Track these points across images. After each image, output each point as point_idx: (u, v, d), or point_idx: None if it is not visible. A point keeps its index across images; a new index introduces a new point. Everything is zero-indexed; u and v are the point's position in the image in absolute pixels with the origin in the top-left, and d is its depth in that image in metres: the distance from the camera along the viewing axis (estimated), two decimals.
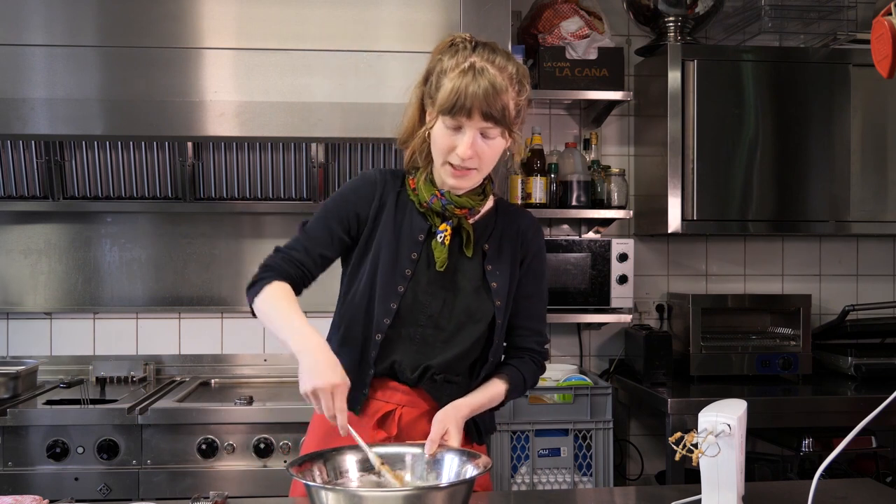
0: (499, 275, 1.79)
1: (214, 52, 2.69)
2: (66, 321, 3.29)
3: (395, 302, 1.74)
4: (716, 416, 1.49)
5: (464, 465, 1.54)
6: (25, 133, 2.69)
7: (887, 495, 1.75)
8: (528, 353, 1.86)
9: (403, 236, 1.77)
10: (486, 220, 1.83)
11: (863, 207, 3.19)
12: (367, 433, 1.73)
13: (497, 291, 1.78)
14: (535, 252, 1.85)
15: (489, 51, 1.68)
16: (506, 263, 1.80)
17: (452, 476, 1.53)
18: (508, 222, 1.84)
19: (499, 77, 1.63)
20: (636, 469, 3.43)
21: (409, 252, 1.76)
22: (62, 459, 2.60)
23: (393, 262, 1.75)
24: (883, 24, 1.58)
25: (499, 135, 1.68)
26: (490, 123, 1.64)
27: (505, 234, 1.83)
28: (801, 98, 3.17)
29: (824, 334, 3.39)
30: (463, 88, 1.61)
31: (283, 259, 1.74)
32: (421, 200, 1.76)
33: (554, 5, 3.19)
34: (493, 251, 1.80)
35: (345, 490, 1.41)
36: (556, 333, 3.46)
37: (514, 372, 1.82)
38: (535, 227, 1.87)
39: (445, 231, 1.75)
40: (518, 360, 1.85)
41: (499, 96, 1.62)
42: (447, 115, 1.64)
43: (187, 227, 3.30)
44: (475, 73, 1.62)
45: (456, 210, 1.74)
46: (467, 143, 1.64)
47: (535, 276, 1.85)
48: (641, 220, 3.42)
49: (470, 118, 1.62)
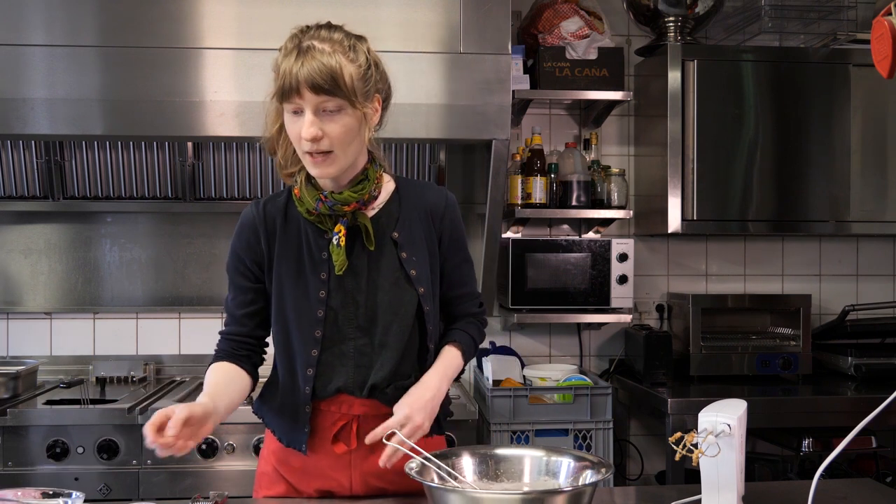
0: (416, 261, 1.72)
1: (214, 52, 2.69)
2: (66, 321, 3.29)
3: (318, 329, 1.69)
4: (716, 416, 1.49)
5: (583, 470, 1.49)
6: (25, 133, 2.69)
7: (887, 495, 1.75)
8: (471, 317, 1.85)
9: (305, 260, 1.71)
10: (390, 207, 1.75)
11: (863, 207, 3.19)
12: (325, 448, 1.72)
13: (417, 278, 1.71)
14: (449, 223, 1.78)
15: (316, 28, 1.63)
16: (421, 247, 1.74)
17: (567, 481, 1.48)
18: (414, 202, 1.76)
19: (326, 47, 1.57)
20: (636, 469, 3.43)
21: (317, 273, 1.69)
22: (62, 459, 2.60)
23: (303, 289, 1.69)
24: (883, 24, 1.58)
25: (344, 108, 1.58)
26: (323, 96, 1.55)
27: (413, 216, 1.75)
28: (801, 98, 3.17)
29: (824, 334, 3.39)
30: (288, 69, 1.55)
31: (223, 341, 1.78)
32: (308, 209, 1.68)
33: (554, 5, 3.19)
34: (404, 237, 1.73)
35: (464, 492, 1.37)
36: (556, 333, 3.46)
37: (462, 336, 1.79)
38: (443, 198, 1.79)
39: (340, 232, 1.67)
40: (462, 322, 1.83)
41: (326, 67, 1.55)
42: (283, 101, 1.58)
43: (187, 227, 3.29)
44: (300, 51, 1.56)
45: (344, 207, 1.66)
46: (307, 122, 1.56)
47: (457, 245, 1.80)
48: (641, 220, 3.42)
49: (301, 96, 1.55)
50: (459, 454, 1.53)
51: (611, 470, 1.43)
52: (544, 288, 3.11)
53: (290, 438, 1.75)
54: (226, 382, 1.71)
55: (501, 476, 1.52)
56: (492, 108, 2.74)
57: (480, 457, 1.54)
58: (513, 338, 3.43)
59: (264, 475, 1.80)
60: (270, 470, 1.78)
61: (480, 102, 2.74)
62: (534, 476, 1.51)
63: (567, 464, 1.50)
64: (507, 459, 1.54)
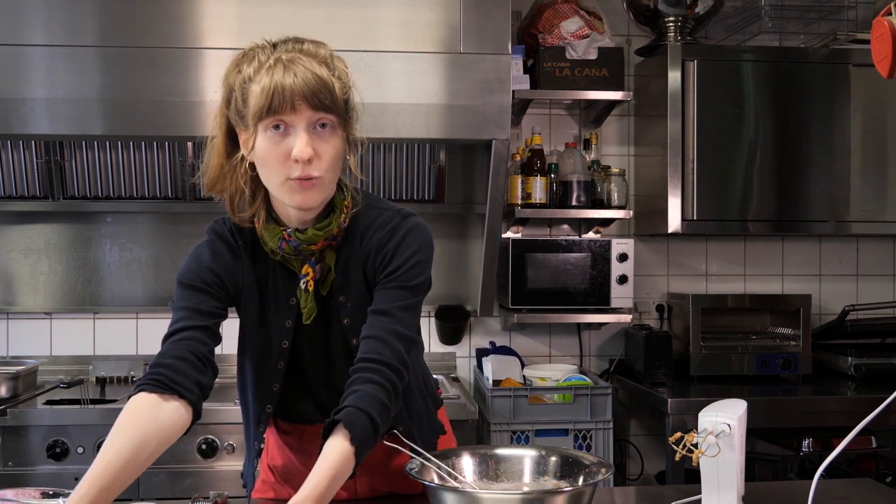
0: (351, 307, 1.52)
1: (214, 52, 2.69)
2: (66, 321, 3.29)
3: (277, 382, 1.55)
4: (716, 416, 1.49)
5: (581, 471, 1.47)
6: (25, 133, 2.69)
7: (887, 495, 1.75)
8: (373, 372, 1.43)
9: (269, 302, 1.54)
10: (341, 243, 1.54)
11: (863, 207, 3.19)
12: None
13: (350, 328, 1.52)
14: (388, 258, 1.51)
15: (293, 41, 1.44)
16: (358, 289, 1.53)
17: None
18: (362, 237, 1.53)
19: (314, 62, 1.40)
20: (636, 469, 3.43)
21: (282, 319, 1.52)
22: (62, 459, 2.60)
23: (265, 335, 1.54)
24: (883, 24, 1.58)
25: (335, 128, 1.43)
26: (322, 112, 1.39)
27: (352, 254, 1.53)
28: (801, 98, 3.17)
29: (824, 334, 3.39)
30: (277, 82, 1.36)
31: (167, 346, 1.48)
32: (273, 248, 1.49)
33: (554, 5, 3.19)
34: (338, 279, 1.52)
35: (465, 491, 1.37)
36: (556, 333, 3.46)
37: (356, 420, 1.36)
38: (387, 234, 1.52)
39: (308, 276, 1.48)
40: (357, 382, 1.42)
41: (320, 80, 1.38)
42: (268, 117, 1.38)
43: (187, 227, 3.29)
44: (284, 64, 1.38)
45: (311, 247, 1.48)
46: (303, 140, 1.38)
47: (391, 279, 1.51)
48: (641, 220, 3.42)
49: (295, 111, 1.37)
50: (459, 454, 1.53)
51: (611, 470, 1.42)
52: (544, 288, 3.11)
53: (245, 468, 1.69)
54: (122, 464, 1.31)
55: (501, 476, 1.52)
56: (492, 108, 2.74)
57: (480, 457, 1.53)
58: (513, 338, 3.43)
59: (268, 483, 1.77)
60: (275, 481, 1.76)
61: (480, 102, 2.74)
62: (534, 476, 1.51)
63: (567, 464, 1.50)
64: (507, 459, 1.54)
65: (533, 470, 1.52)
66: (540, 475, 1.51)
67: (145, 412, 1.37)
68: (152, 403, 1.37)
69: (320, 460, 1.33)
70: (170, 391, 1.39)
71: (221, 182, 1.49)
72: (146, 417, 1.36)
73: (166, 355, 1.43)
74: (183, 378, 1.40)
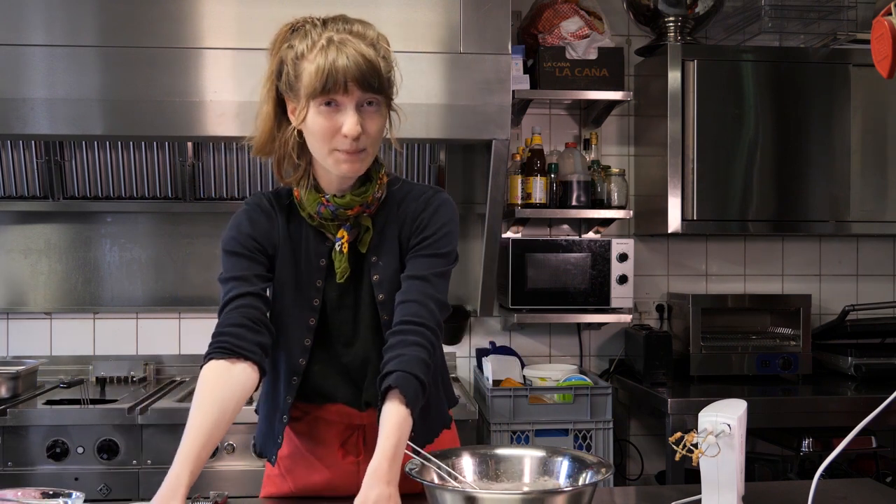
0: (382, 266, 1.63)
1: (214, 52, 2.69)
2: (66, 321, 3.29)
3: (308, 338, 1.63)
4: (716, 416, 1.49)
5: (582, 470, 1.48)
6: (25, 133, 2.69)
7: (887, 495, 1.75)
8: (412, 333, 1.56)
9: (302, 264, 1.64)
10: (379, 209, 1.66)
11: (863, 207, 3.19)
12: (333, 458, 1.69)
13: (378, 283, 1.62)
14: (425, 224, 1.63)
15: (342, 21, 1.54)
16: (391, 251, 1.64)
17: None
18: (399, 205, 1.66)
19: (363, 44, 1.50)
20: (636, 469, 3.43)
21: (313, 280, 1.63)
22: (62, 459, 2.60)
23: (298, 295, 1.63)
24: (883, 24, 1.58)
25: (380, 106, 1.55)
26: (370, 94, 1.51)
27: (389, 219, 1.65)
28: (801, 98, 3.17)
29: (824, 334, 3.39)
30: (330, 64, 1.47)
31: (226, 314, 1.58)
32: (311, 213, 1.61)
33: (554, 5, 3.19)
34: (375, 239, 1.64)
35: (464, 491, 1.37)
36: (556, 333, 3.46)
37: (405, 382, 1.49)
38: (423, 203, 1.65)
39: (343, 238, 1.60)
40: (404, 346, 1.54)
41: (370, 63, 1.49)
42: (320, 95, 1.48)
43: (187, 227, 3.29)
44: (337, 46, 1.48)
45: (348, 212, 1.60)
46: (353, 119, 1.49)
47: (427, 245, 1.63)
48: (641, 220, 3.42)
49: (347, 93, 1.48)
50: (459, 454, 1.53)
51: (611, 470, 1.42)
52: (544, 288, 3.11)
53: (263, 446, 1.72)
54: (212, 424, 1.46)
55: (501, 476, 1.52)
56: (492, 108, 2.74)
57: (480, 457, 1.53)
58: (513, 338, 3.43)
59: (271, 478, 1.77)
60: (277, 473, 1.76)
61: (480, 102, 2.74)
62: (534, 476, 1.51)
63: (567, 464, 1.50)
64: (507, 459, 1.54)
65: (533, 470, 1.52)
66: (540, 475, 1.51)
67: (219, 377, 1.50)
68: (223, 368, 1.51)
69: (383, 425, 1.46)
70: (236, 355, 1.52)
71: (269, 146, 1.60)
72: (222, 381, 1.50)
73: (224, 324, 1.55)
74: (244, 342, 1.53)
